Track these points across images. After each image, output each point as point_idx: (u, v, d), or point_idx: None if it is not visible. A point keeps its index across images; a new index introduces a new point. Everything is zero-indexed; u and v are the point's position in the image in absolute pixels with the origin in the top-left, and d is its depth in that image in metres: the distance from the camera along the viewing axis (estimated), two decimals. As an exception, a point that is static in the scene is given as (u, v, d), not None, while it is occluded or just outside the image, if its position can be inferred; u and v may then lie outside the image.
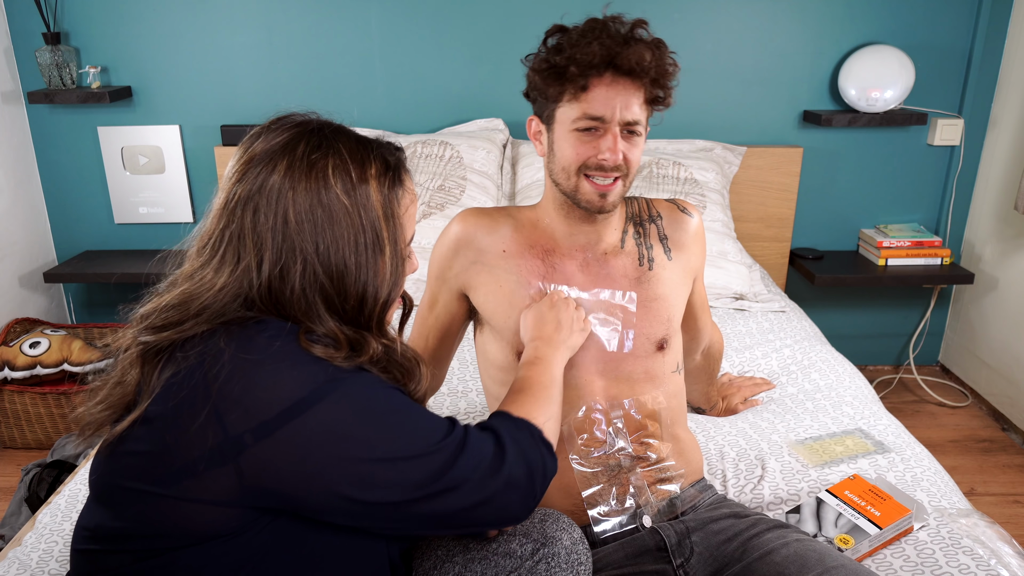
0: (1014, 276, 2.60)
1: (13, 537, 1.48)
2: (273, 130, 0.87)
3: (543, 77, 1.16)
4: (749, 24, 2.61)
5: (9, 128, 2.59)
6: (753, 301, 2.30)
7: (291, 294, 0.84)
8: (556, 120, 1.18)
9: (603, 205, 1.19)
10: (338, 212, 0.84)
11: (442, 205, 2.37)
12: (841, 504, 1.26)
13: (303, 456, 0.78)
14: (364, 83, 2.65)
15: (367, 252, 0.86)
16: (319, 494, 0.80)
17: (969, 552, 1.18)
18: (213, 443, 0.77)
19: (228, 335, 0.81)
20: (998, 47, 2.62)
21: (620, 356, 1.24)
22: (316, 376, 0.80)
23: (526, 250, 1.26)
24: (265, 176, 0.84)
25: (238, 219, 0.84)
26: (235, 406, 0.77)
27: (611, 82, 1.13)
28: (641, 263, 1.28)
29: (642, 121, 1.16)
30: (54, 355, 2.41)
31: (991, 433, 2.60)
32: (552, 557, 1.00)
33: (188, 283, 0.85)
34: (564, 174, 1.19)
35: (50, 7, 2.51)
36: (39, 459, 2.09)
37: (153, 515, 0.80)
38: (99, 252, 2.78)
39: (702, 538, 1.17)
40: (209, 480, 0.78)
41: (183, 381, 0.79)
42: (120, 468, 0.83)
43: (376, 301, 0.88)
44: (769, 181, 2.69)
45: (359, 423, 0.81)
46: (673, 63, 1.15)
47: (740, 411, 1.72)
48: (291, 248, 0.83)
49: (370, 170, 0.87)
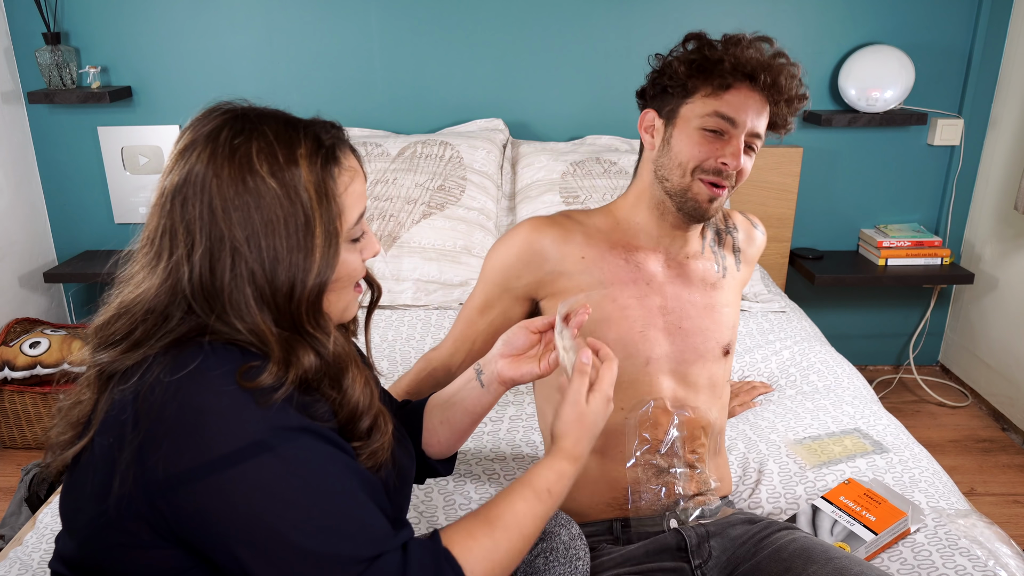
0: (1014, 276, 2.60)
1: (13, 537, 1.48)
2: (201, 120, 0.83)
3: (689, 67, 1.18)
4: (749, 24, 2.59)
5: (9, 128, 2.59)
6: (753, 301, 2.30)
7: (220, 285, 0.79)
8: (680, 116, 1.19)
9: (708, 210, 1.20)
10: (266, 196, 0.79)
11: (442, 205, 2.37)
12: (836, 511, 1.26)
13: (212, 512, 0.74)
14: (364, 83, 2.65)
15: (298, 235, 0.80)
16: (223, 555, 0.75)
17: (967, 553, 1.18)
18: (131, 485, 0.74)
19: (164, 364, 0.76)
20: (998, 47, 2.61)
21: (692, 358, 1.25)
22: (250, 432, 0.74)
23: (607, 252, 1.25)
24: (191, 166, 0.80)
25: (167, 213, 0.80)
26: (157, 448, 0.73)
27: (750, 91, 1.16)
28: (717, 270, 1.30)
29: (763, 137, 1.19)
30: (54, 355, 2.41)
31: (991, 433, 2.60)
32: (551, 551, 1.01)
33: (129, 286, 0.82)
34: (679, 171, 1.19)
35: (50, 7, 2.51)
36: (39, 459, 2.10)
37: (101, 551, 0.79)
38: (99, 252, 2.78)
39: (720, 543, 1.18)
40: (128, 524, 0.75)
41: (117, 415, 0.76)
42: (73, 499, 0.81)
43: (305, 287, 0.82)
44: (769, 181, 2.69)
45: (279, 499, 0.74)
46: (806, 95, 1.20)
47: (738, 414, 1.72)
48: (219, 237, 0.78)
49: (299, 150, 0.82)
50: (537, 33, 2.61)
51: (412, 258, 2.31)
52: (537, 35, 2.62)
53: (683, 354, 1.25)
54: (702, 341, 1.25)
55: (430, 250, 2.31)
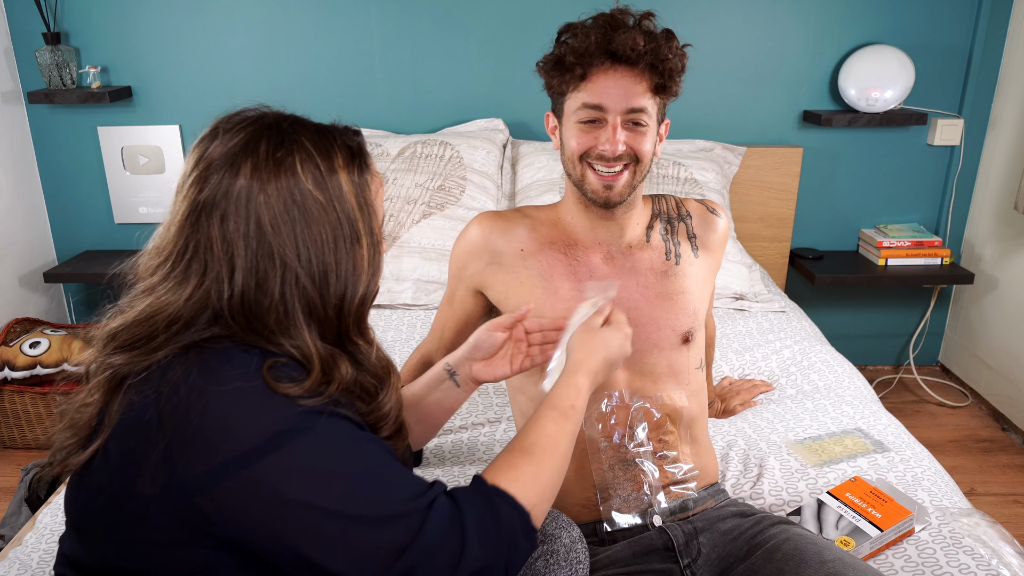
0: (1014, 276, 2.60)
1: (13, 537, 1.48)
2: (227, 131, 0.81)
3: (547, 70, 1.19)
4: (749, 24, 2.61)
5: (9, 128, 2.59)
6: (753, 301, 2.30)
7: (269, 303, 0.78)
8: (564, 113, 1.21)
9: (609, 196, 1.19)
10: (313, 209, 0.79)
11: (442, 205, 2.37)
12: (842, 506, 1.26)
13: (252, 505, 0.73)
14: (364, 83, 2.65)
15: (346, 246, 0.82)
16: (274, 545, 0.75)
17: (970, 552, 1.18)
18: (162, 486, 0.73)
19: (187, 365, 0.75)
20: (998, 47, 2.62)
21: (645, 347, 1.24)
22: (277, 421, 0.74)
23: (546, 247, 1.28)
24: (230, 181, 0.78)
25: (204, 229, 0.78)
26: (187, 446, 0.73)
27: (610, 70, 1.14)
28: (668, 258, 1.29)
29: (647, 109, 1.16)
30: (54, 355, 2.41)
31: (991, 433, 2.60)
32: (551, 554, 1.01)
33: (151, 296, 0.80)
34: (571, 164, 1.21)
35: (50, 7, 2.51)
36: (39, 459, 2.09)
37: (116, 554, 0.78)
38: (99, 252, 2.78)
39: (709, 539, 1.17)
40: (160, 523, 0.75)
41: (138, 416, 0.75)
42: (85, 502, 0.80)
43: (355, 297, 0.83)
44: (769, 181, 2.69)
45: (317, 478, 0.74)
46: (679, 51, 1.17)
47: (738, 412, 1.72)
48: (268, 254, 0.78)
49: (337, 160, 0.82)
50: (537, 33, 2.60)
51: (412, 258, 2.31)
52: (537, 35, 2.60)
53: (634, 344, 1.23)
54: (655, 330, 1.24)
55: (430, 250, 2.31)
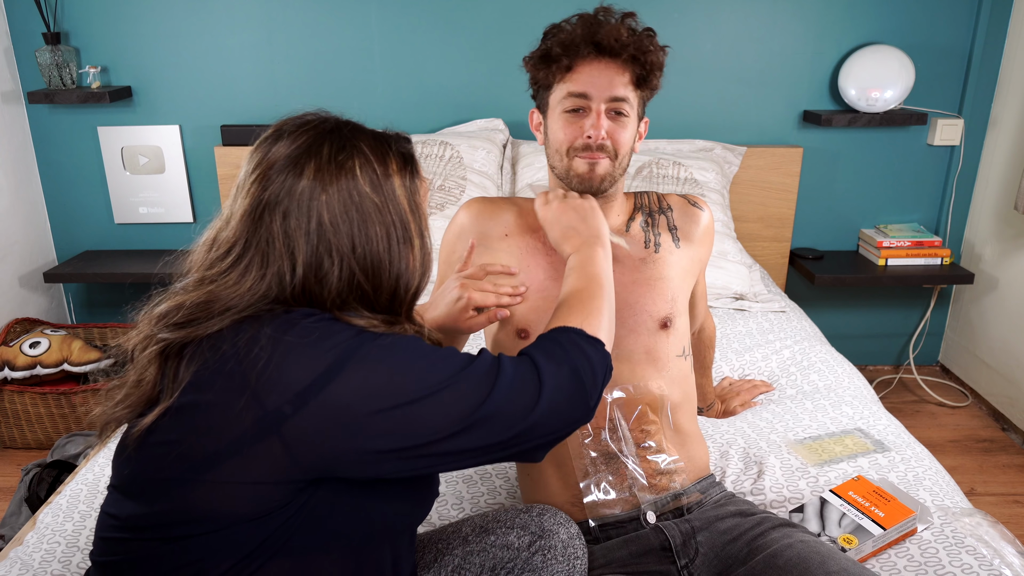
0: (1014, 276, 2.60)
1: (13, 537, 1.48)
2: (291, 133, 0.89)
3: (534, 64, 1.24)
4: (749, 24, 2.61)
5: (9, 128, 2.58)
6: (753, 301, 2.30)
7: (327, 293, 0.86)
8: (549, 106, 1.25)
9: (592, 178, 1.22)
10: (369, 210, 0.87)
11: (442, 205, 2.37)
12: (845, 504, 1.26)
13: (340, 418, 0.79)
14: (364, 83, 2.65)
15: (399, 246, 0.89)
16: (361, 453, 0.80)
17: (973, 552, 1.18)
18: (253, 420, 0.78)
19: (260, 322, 0.82)
20: (998, 47, 2.62)
21: (623, 332, 1.25)
22: (345, 340, 0.82)
23: (528, 233, 1.31)
24: (293, 180, 0.85)
25: (267, 224, 0.85)
26: (273, 387, 0.79)
27: (594, 61, 1.20)
28: (647, 246, 1.31)
29: (628, 99, 1.21)
30: (54, 355, 2.41)
31: (991, 433, 2.61)
32: (548, 549, 1.01)
33: (212, 285, 0.86)
34: (557, 156, 1.24)
35: (50, 7, 2.51)
36: (39, 459, 2.09)
37: (186, 502, 0.82)
38: (99, 252, 2.78)
39: (707, 538, 1.16)
40: (252, 458, 0.79)
41: (217, 369, 0.80)
42: (152, 458, 0.84)
43: (407, 292, 0.91)
44: (769, 181, 2.69)
45: (388, 371, 0.82)
46: (659, 47, 1.21)
47: (738, 413, 1.72)
48: (327, 249, 0.85)
49: (392, 166, 0.91)
50: (538, 33, 2.60)
51: (413, 258, 2.30)
52: (538, 35, 2.61)
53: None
54: (631, 315, 1.26)
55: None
